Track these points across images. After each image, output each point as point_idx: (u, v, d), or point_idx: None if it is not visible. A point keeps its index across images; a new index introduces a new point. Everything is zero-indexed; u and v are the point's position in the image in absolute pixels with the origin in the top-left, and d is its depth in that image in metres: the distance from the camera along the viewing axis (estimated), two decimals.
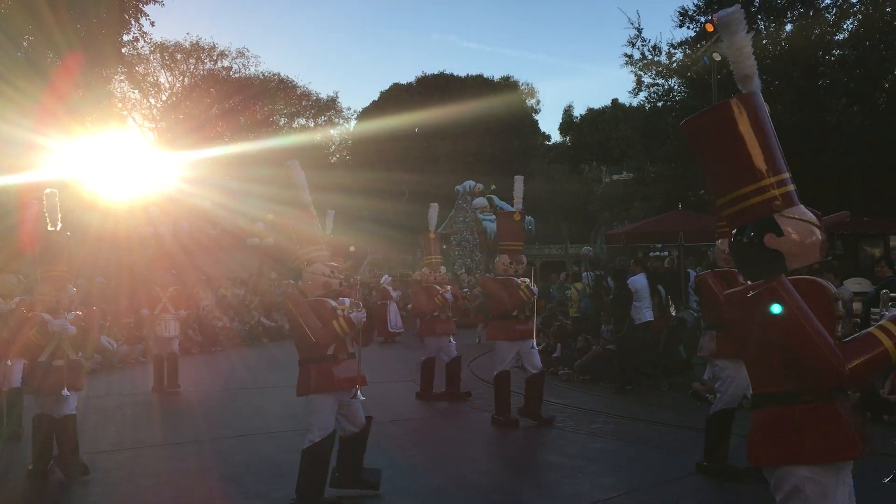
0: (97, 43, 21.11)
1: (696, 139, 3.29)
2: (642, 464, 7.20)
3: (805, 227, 3.03)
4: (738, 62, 3.20)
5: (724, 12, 3.25)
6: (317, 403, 5.82)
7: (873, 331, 2.85)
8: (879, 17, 20.84)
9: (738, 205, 3.11)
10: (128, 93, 38.57)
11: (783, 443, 2.94)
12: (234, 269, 23.43)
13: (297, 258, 6.12)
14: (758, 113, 3.13)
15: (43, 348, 6.61)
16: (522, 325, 8.75)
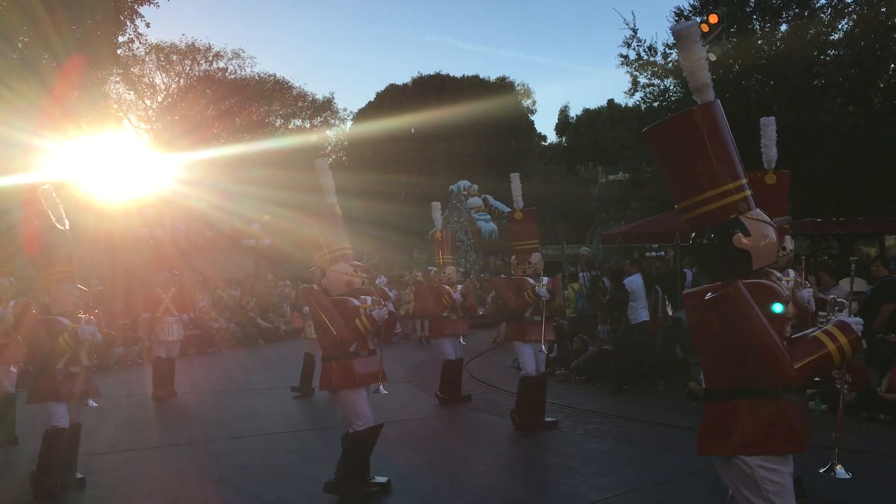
0: (93, 44, 21.03)
1: (658, 146, 3.44)
2: (639, 464, 7.19)
3: (767, 228, 3.22)
4: (694, 73, 3.34)
5: (678, 26, 3.38)
6: (348, 397, 6.02)
7: (819, 334, 3.08)
8: (874, 18, 20.89)
9: (701, 208, 3.26)
10: (123, 94, 38.53)
11: (731, 435, 3.14)
12: (230, 271, 23.39)
13: (322, 257, 6.28)
14: (718, 121, 3.27)
15: (60, 355, 6.30)
16: (535, 327, 8.45)
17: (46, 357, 6.30)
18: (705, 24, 17.44)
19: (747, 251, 3.19)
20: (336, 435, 8.25)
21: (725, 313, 3.08)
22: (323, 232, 6.34)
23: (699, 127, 3.25)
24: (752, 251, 3.19)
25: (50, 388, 6.30)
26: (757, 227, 3.20)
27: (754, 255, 3.20)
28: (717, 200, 3.22)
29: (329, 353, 6.04)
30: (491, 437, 8.70)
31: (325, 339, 6.02)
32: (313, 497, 6.27)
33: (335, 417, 9.43)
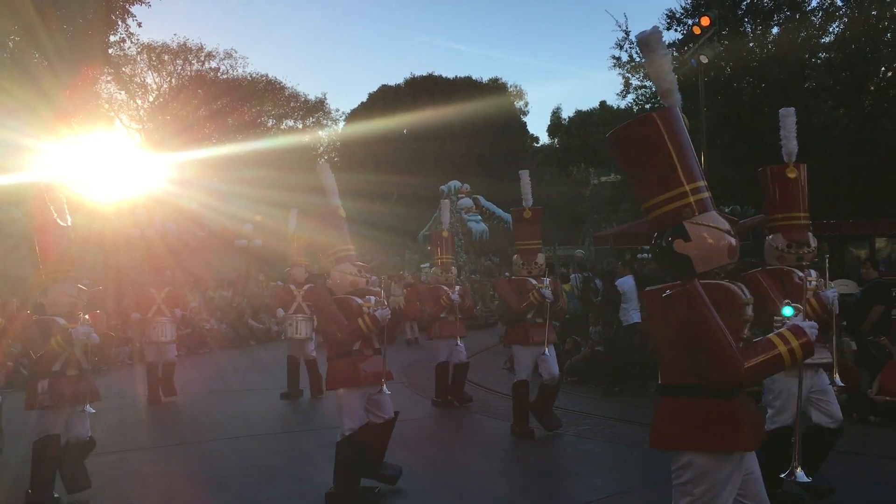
0: (84, 43, 20.98)
1: (619, 149, 3.56)
2: (632, 465, 7.21)
3: (712, 232, 3.28)
4: (658, 79, 3.48)
5: (641, 33, 3.50)
6: (345, 398, 6.07)
7: (772, 336, 3.16)
8: (865, 21, 20.99)
9: (657, 210, 3.39)
10: (114, 94, 38.39)
11: (683, 431, 3.25)
12: (222, 271, 23.33)
13: (327, 257, 6.35)
14: (675, 126, 3.37)
15: (55, 357, 5.97)
16: (537, 330, 8.20)
17: (41, 359, 5.97)
18: (697, 26, 17.53)
19: (688, 256, 3.30)
20: (328, 436, 8.27)
21: (680, 312, 3.17)
22: (327, 233, 6.42)
23: (653, 132, 3.35)
24: (692, 257, 3.29)
25: (45, 394, 5.95)
26: (699, 232, 3.28)
27: (695, 260, 3.29)
28: (668, 204, 3.34)
29: (335, 351, 6.12)
30: (484, 438, 8.69)
31: (330, 338, 6.13)
32: (306, 497, 6.27)
33: (327, 418, 9.44)
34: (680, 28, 24.02)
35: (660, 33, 3.50)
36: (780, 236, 5.60)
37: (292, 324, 11.10)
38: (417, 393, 11.14)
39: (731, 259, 3.31)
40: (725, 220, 3.33)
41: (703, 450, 3.22)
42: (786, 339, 3.14)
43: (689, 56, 17.26)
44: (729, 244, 3.28)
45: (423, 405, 10.39)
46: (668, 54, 3.46)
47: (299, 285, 11.31)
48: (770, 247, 5.73)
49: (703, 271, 3.29)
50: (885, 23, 21.31)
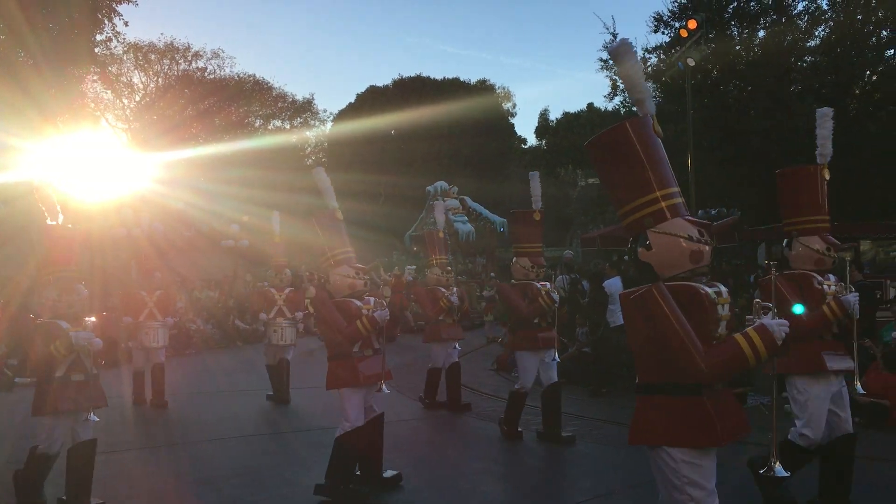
0: (69, 42, 20.83)
1: (595, 157, 3.68)
2: (619, 466, 7.24)
3: (670, 241, 3.39)
4: (630, 89, 3.60)
5: (613, 45, 3.58)
6: (346, 397, 6.15)
7: (737, 335, 3.25)
8: (850, 25, 21.17)
9: (630, 217, 3.51)
10: (100, 93, 38.14)
11: (658, 427, 3.36)
12: (209, 271, 23.24)
13: (325, 260, 6.43)
14: (646, 134, 3.49)
15: (56, 362, 5.68)
16: (545, 334, 8.05)
17: (42, 364, 5.70)
18: (684, 29, 17.62)
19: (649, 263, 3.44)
20: (318, 437, 8.27)
21: (646, 312, 3.29)
22: (325, 236, 6.47)
23: (624, 140, 3.48)
24: (653, 264, 3.44)
25: (48, 400, 5.65)
26: (661, 241, 3.40)
27: (656, 267, 3.43)
28: (640, 210, 3.46)
29: (334, 352, 6.21)
30: (473, 439, 8.71)
31: (329, 339, 6.26)
32: (294, 499, 6.26)
33: (316, 419, 9.44)
34: (667, 31, 24.14)
35: (630, 44, 3.61)
36: (818, 238, 5.43)
37: (277, 330, 10.91)
38: (407, 395, 11.12)
39: (696, 264, 3.39)
40: (696, 226, 3.41)
41: (677, 446, 3.32)
42: (749, 337, 3.22)
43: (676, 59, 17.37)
44: (691, 250, 3.36)
45: (413, 407, 10.39)
46: (640, 65, 3.57)
47: (280, 289, 11.12)
48: (807, 250, 5.46)
49: (669, 276, 3.41)
50: (870, 27, 21.51)
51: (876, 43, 21.80)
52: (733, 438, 3.39)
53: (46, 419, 5.73)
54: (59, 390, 5.64)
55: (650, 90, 3.61)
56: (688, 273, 3.40)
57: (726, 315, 3.43)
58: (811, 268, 5.42)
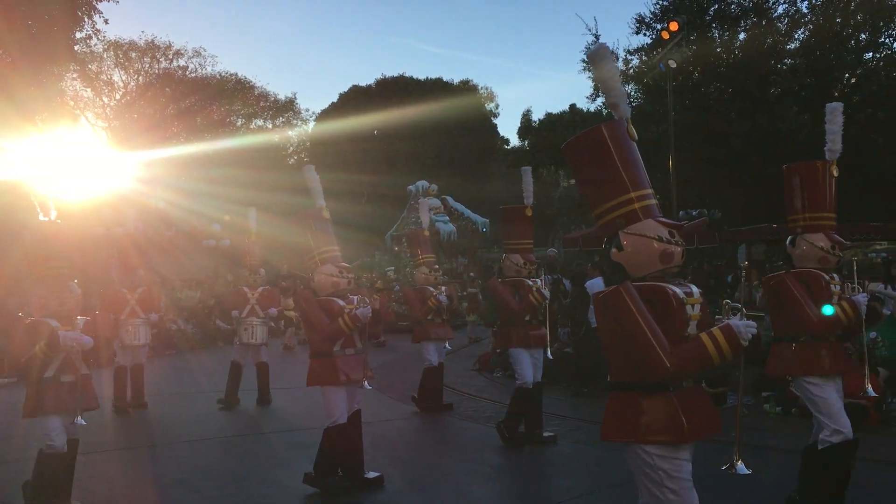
0: (48, 40, 20.64)
1: (572, 160, 3.75)
2: (600, 466, 7.27)
3: (640, 241, 3.45)
4: (606, 92, 3.67)
5: (591, 49, 3.63)
6: (327, 395, 6.23)
7: (703, 335, 3.30)
8: (829, 28, 21.38)
9: (604, 217, 3.57)
10: (80, 91, 37.83)
11: (627, 424, 3.43)
12: (191, 271, 23.13)
13: (311, 259, 6.44)
14: (621, 137, 3.54)
15: (44, 363, 5.48)
16: (536, 331, 7.94)
17: (29, 365, 5.48)
18: (666, 31, 17.75)
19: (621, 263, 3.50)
20: (298, 438, 8.24)
21: (613, 311, 3.36)
22: (311, 235, 6.47)
23: (599, 142, 3.54)
24: (623, 264, 3.49)
25: (39, 401, 5.47)
26: (632, 241, 3.46)
27: (626, 267, 3.49)
28: (613, 211, 3.52)
29: (316, 350, 6.28)
30: (453, 439, 8.73)
31: (313, 336, 6.31)
32: (273, 500, 6.25)
33: (298, 420, 9.41)
34: (649, 33, 24.29)
35: (607, 49, 3.69)
36: (823, 236, 5.28)
37: (248, 328, 10.65)
38: (389, 395, 11.12)
39: (666, 264, 3.43)
40: (667, 227, 3.46)
41: (644, 442, 3.38)
42: (714, 337, 3.26)
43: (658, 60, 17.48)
44: (661, 251, 3.41)
45: (394, 407, 10.38)
46: (617, 69, 3.64)
47: (254, 288, 10.92)
48: (811, 247, 5.30)
49: (640, 276, 3.47)
50: (849, 30, 21.75)
51: (855, 46, 22.06)
52: (702, 436, 3.44)
53: (40, 420, 5.55)
54: (48, 392, 5.46)
55: (626, 94, 3.63)
56: (658, 273, 3.45)
57: (696, 315, 3.48)
58: (815, 266, 5.28)
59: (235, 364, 10.65)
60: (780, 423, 8.71)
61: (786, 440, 7.67)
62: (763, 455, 7.02)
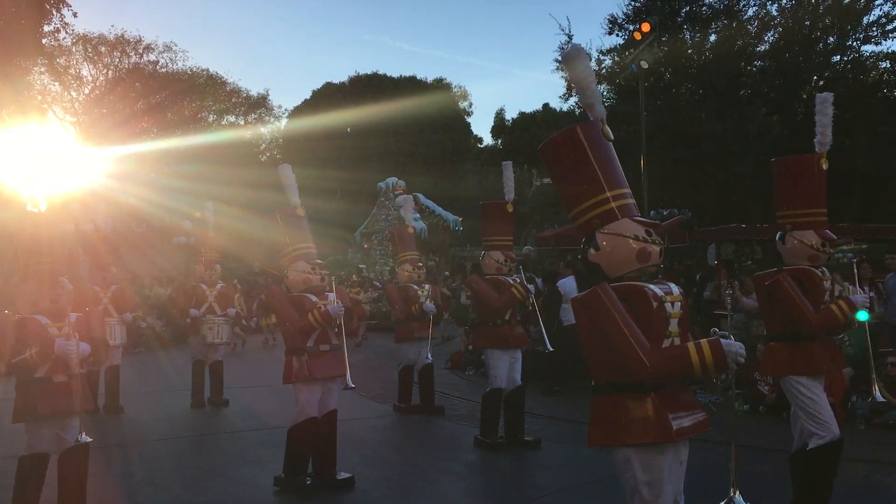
0: (15, 32, 20.33)
1: (548, 160, 3.73)
2: (571, 463, 7.32)
3: (617, 241, 3.43)
4: (581, 93, 3.65)
5: (565, 49, 3.62)
6: (298, 390, 6.20)
7: (689, 344, 3.27)
8: (799, 31, 21.69)
9: (581, 218, 3.55)
10: (48, 85, 37.24)
11: (611, 427, 3.38)
12: (162, 268, 22.91)
13: (285, 255, 6.41)
14: (597, 138, 3.54)
15: (36, 364, 5.16)
16: (515, 331, 7.79)
17: (20, 366, 5.15)
18: (638, 32, 17.87)
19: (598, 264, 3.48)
20: (269, 436, 8.20)
21: (591, 313, 3.35)
22: (285, 231, 6.44)
23: (575, 143, 3.53)
24: (601, 264, 3.47)
25: (29, 404, 5.13)
26: (609, 241, 3.44)
27: (604, 267, 3.47)
28: (590, 211, 3.50)
29: (290, 346, 6.24)
30: (425, 437, 8.74)
31: (284, 333, 6.31)
32: (242, 499, 6.22)
33: (272, 418, 9.34)
34: (621, 33, 24.50)
35: (582, 49, 3.67)
36: (813, 233, 5.12)
37: (213, 327, 10.27)
38: (361, 393, 11.06)
39: (643, 263, 3.40)
40: (644, 226, 3.43)
41: (630, 444, 3.33)
42: (701, 349, 3.21)
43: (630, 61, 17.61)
44: (638, 249, 3.38)
45: (369, 406, 10.36)
46: (591, 69, 3.61)
47: (212, 285, 10.54)
48: (800, 245, 5.15)
49: (617, 275, 3.44)
50: (818, 33, 22.08)
51: (823, 49, 22.40)
52: (689, 435, 3.40)
53: (28, 426, 5.22)
54: (39, 393, 5.12)
55: (600, 94, 3.62)
56: (636, 272, 3.41)
57: (677, 313, 3.45)
58: (805, 263, 5.15)
59: (198, 363, 10.38)
60: (747, 421, 8.83)
61: (754, 438, 7.80)
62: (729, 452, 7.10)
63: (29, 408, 5.11)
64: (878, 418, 8.37)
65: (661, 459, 3.34)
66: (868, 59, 22.93)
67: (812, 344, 5.08)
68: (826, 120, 5.28)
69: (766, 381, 9.23)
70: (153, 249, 22.79)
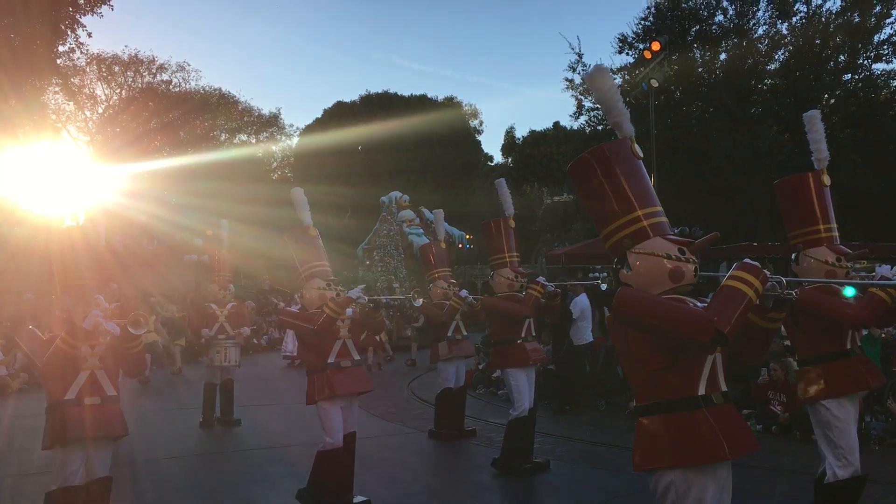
0: (31, 53, 20.57)
1: (575, 180, 3.63)
2: (581, 484, 7.26)
3: (651, 260, 3.32)
4: (608, 112, 3.57)
5: (589, 70, 3.56)
6: (322, 412, 6.01)
7: (725, 282, 3.12)
8: (809, 49, 21.67)
9: (611, 239, 3.46)
10: (62, 104, 37.60)
11: (657, 449, 3.21)
12: (174, 285, 22.97)
13: (298, 276, 6.34)
14: (625, 157, 3.47)
15: (69, 381, 4.80)
16: (532, 346, 7.51)
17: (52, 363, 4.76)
18: (648, 51, 17.91)
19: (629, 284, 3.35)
20: (278, 455, 8.18)
21: (627, 316, 3.24)
22: (298, 251, 6.39)
23: (603, 163, 3.45)
24: (634, 285, 3.33)
25: (60, 429, 4.71)
26: (641, 261, 3.33)
27: (637, 287, 3.31)
28: (620, 231, 3.40)
29: (311, 366, 6.09)
30: (433, 456, 8.68)
31: (307, 353, 6.12)
32: None
33: (282, 437, 9.31)
34: (631, 52, 24.56)
35: (605, 69, 3.61)
36: (826, 249, 5.00)
37: (220, 350, 10.04)
38: (371, 412, 11.01)
39: (677, 283, 3.28)
40: (677, 244, 3.33)
41: (682, 465, 3.16)
42: (732, 276, 3.11)
43: (640, 79, 17.64)
44: (671, 268, 3.27)
45: (381, 425, 10.26)
46: (616, 88, 3.53)
47: (221, 304, 10.27)
48: (815, 263, 5.00)
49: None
50: (828, 52, 22.07)
51: (834, 67, 22.39)
52: (741, 454, 3.20)
53: (58, 452, 4.80)
54: (70, 417, 4.71)
55: (627, 112, 3.54)
56: (670, 292, 3.29)
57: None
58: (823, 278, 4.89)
59: (209, 385, 10.22)
60: (760, 441, 8.70)
61: (767, 459, 7.71)
62: (744, 473, 7.04)
63: (58, 432, 4.70)
64: (892, 439, 8.27)
65: (708, 482, 3.18)
66: (879, 76, 22.91)
67: (847, 361, 4.86)
68: (817, 136, 5.27)
69: (779, 399, 9.15)
70: (164, 267, 22.89)
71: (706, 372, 3.23)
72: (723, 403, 3.27)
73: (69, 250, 5.16)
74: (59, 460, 4.79)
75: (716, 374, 3.27)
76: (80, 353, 4.74)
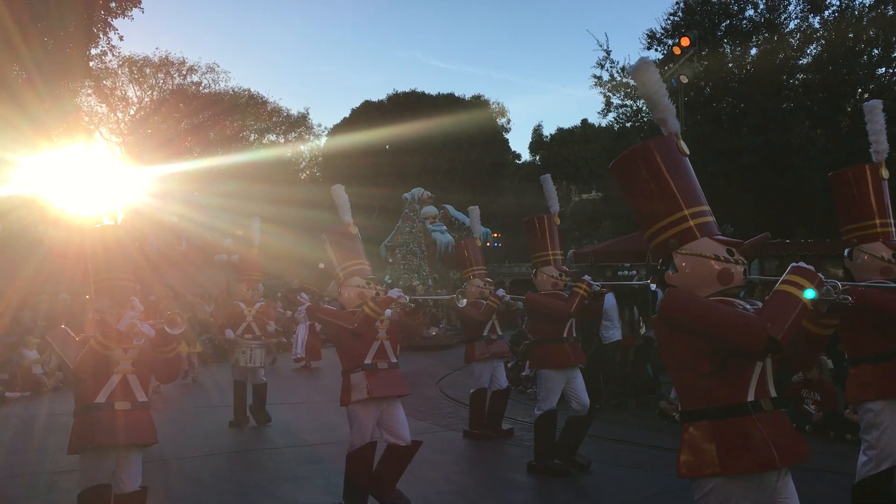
0: (64, 56, 20.86)
1: (619, 178, 3.53)
2: (609, 483, 7.21)
3: (699, 261, 3.20)
4: (653, 108, 3.45)
5: (633, 65, 3.48)
6: (353, 413, 5.84)
7: (778, 288, 2.98)
8: (842, 43, 21.34)
9: (655, 239, 3.33)
10: (95, 107, 38.23)
11: (704, 456, 3.09)
12: (203, 285, 23.19)
13: (336, 275, 6.22)
14: (671, 154, 3.35)
15: (100, 384, 4.65)
16: (573, 347, 7.34)
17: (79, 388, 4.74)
18: (677, 46, 17.74)
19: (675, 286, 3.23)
20: (309, 453, 8.23)
21: (675, 319, 3.12)
22: (335, 250, 6.27)
23: (648, 160, 3.34)
24: (680, 286, 3.21)
25: (87, 432, 4.57)
26: (688, 262, 3.22)
27: (684, 289, 3.20)
28: (666, 231, 3.29)
29: (345, 366, 5.91)
30: (460, 454, 8.66)
31: (342, 354, 5.93)
32: None
33: (309, 435, 9.36)
34: (660, 48, 24.32)
35: (650, 63, 3.46)
36: (882, 244, 4.81)
37: (245, 351, 10.00)
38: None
39: (725, 285, 3.16)
40: (725, 244, 3.22)
41: (730, 473, 3.04)
42: (785, 281, 2.98)
43: (669, 76, 17.46)
44: (720, 270, 3.16)
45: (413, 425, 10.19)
46: (661, 83, 3.40)
47: (250, 303, 10.22)
48: (871, 259, 4.82)
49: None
50: (861, 45, 21.70)
51: (867, 61, 22.00)
52: (792, 462, 3.08)
53: (84, 458, 4.69)
54: (99, 421, 4.55)
55: (673, 108, 3.43)
56: (717, 295, 3.17)
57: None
58: (877, 278, 4.75)
59: (238, 383, 10.25)
60: None
61: None
62: None
63: (86, 437, 4.55)
64: None
65: (748, 495, 3.07)
66: None
67: (891, 364, 4.62)
68: (878, 127, 5.07)
69: (813, 398, 9.02)
70: (194, 267, 23.11)
71: (755, 377, 3.12)
72: (772, 410, 3.16)
73: (103, 250, 5.03)
74: (85, 465, 4.68)
75: (765, 379, 3.16)
76: (113, 355, 4.61)
